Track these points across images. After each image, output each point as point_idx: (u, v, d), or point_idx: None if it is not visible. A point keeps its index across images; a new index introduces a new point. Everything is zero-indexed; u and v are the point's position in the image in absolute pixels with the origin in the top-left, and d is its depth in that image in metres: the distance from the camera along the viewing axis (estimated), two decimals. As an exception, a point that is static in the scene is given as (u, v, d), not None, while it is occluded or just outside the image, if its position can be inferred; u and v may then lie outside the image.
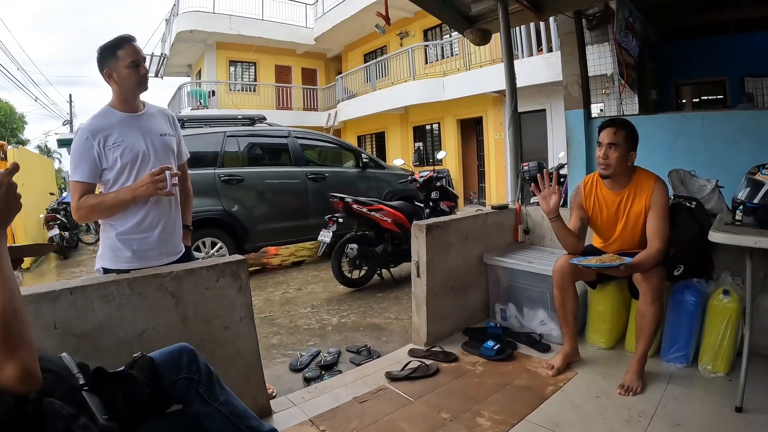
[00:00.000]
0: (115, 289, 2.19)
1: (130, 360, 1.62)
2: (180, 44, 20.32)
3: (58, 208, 11.87)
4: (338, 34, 20.17)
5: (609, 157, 2.91)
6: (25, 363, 1.05)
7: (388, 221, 5.95)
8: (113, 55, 2.40)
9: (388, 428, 2.56)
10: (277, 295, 6.12)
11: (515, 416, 2.58)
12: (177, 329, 2.34)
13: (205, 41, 20.21)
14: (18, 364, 1.03)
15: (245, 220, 6.88)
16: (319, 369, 3.60)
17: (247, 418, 1.66)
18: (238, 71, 21.83)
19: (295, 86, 21.92)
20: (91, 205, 2.38)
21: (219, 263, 2.50)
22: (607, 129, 2.94)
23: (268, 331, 4.58)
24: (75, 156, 2.39)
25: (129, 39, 2.43)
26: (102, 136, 2.38)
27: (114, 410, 1.45)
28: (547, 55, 11.11)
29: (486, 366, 3.24)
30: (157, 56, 20.39)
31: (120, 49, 2.40)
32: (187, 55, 22.10)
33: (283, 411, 2.79)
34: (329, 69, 23.88)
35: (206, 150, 6.75)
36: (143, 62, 2.46)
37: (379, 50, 20.50)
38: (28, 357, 1.06)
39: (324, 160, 8.65)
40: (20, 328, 1.09)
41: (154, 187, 2.34)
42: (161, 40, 22.37)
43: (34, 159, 14.24)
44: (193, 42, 20.11)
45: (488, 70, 12.80)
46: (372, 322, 4.79)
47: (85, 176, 2.37)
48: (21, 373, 1.03)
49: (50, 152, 37.25)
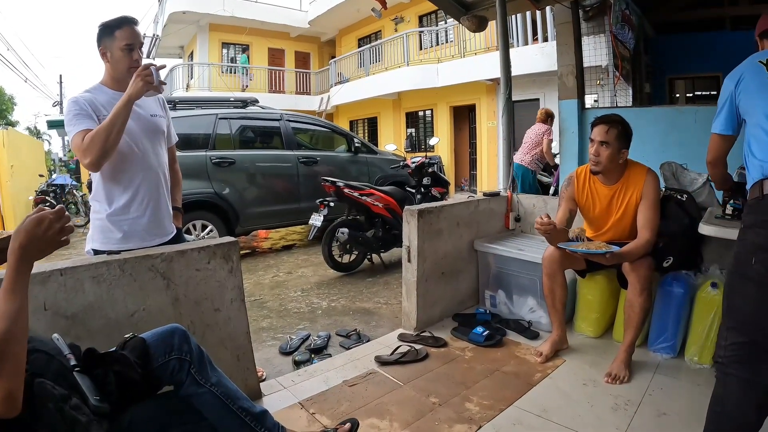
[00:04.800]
0: (106, 270, 2.18)
1: (122, 341, 1.62)
2: (172, 25, 20.11)
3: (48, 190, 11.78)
4: (332, 17, 20.04)
5: (600, 155, 2.92)
6: (12, 390, 1.04)
7: (379, 206, 5.95)
8: (111, 34, 2.38)
9: (377, 412, 2.58)
10: (267, 279, 6.12)
11: (503, 402, 2.61)
12: (168, 311, 2.33)
13: (197, 22, 20.02)
14: (4, 389, 1.02)
15: (236, 203, 6.85)
16: (309, 352, 3.62)
17: (239, 399, 1.67)
18: (231, 53, 21.66)
19: (288, 70, 21.77)
20: (93, 135, 2.24)
21: (210, 245, 2.50)
22: (599, 126, 2.93)
23: (258, 314, 4.58)
24: (74, 112, 2.30)
25: (129, 21, 2.40)
26: (95, 107, 2.35)
27: (105, 391, 1.45)
28: (542, 44, 11.10)
29: (475, 352, 3.27)
30: (149, 37, 20.22)
31: (118, 30, 2.37)
32: (179, 37, 21.90)
33: (273, 393, 2.81)
34: (323, 53, 23.73)
35: (198, 132, 6.71)
36: (138, 48, 2.43)
37: (373, 35, 20.39)
38: (15, 384, 1.05)
39: (316, 144, 8.61)
40: (18, 354, 1.09)
41: (143, 80, 2.26)
42: (153, 20, 22.15)
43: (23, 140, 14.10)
44: (185, 23, 19.92)
45: (483, 57, 12.77)
46: (362, 306, 4.80)
47: (88, 125, 2.28)
48: (4, 398, 1.02)
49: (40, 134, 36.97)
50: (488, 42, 12.74)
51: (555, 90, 5.96)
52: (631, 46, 6.78)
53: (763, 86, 1.99)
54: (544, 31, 11.15)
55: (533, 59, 10.85)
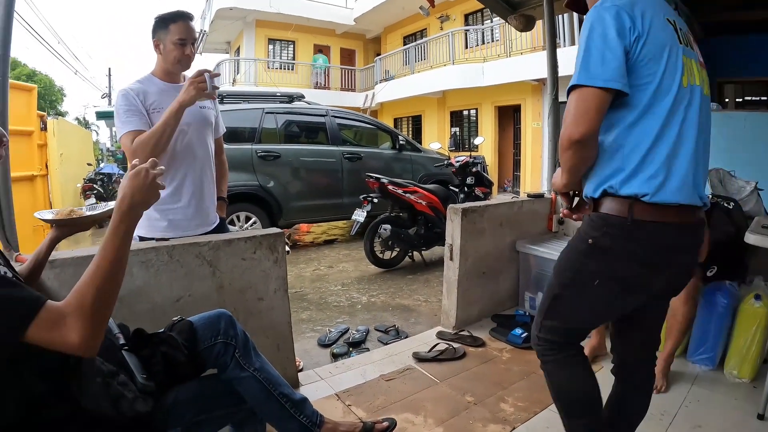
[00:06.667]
0: (155, 256, 2.25)
1: (170, 323, 1.67)
2: (219, 21, 20.48)
3: (95, 178, 12.13)
4: (378, 15, 20.10)
5: None
6: (96, 336, 1.09)
7: (422, 204, 5.94)
8: (165, 27, 2.43)
9: (412, 407, 2.59)
10: (308, 272, 6.18)
11: (538, 405, 2.59)
12: (212, 297, 2.39)
13: (244, 18, 20.32)
14: (89, 333, 1.06)
15: (280, 196, 6.94)
16: (347, 346, 3.65)
17: (280, 386, 1.69)
18: (277, 49, 21.90)
19: (333, 66, 21.88)
20: (144, 139, 2.32)
21: (257, 235, 2.54)
22: None
23: (298, 306, 4.64)
24: (124, 109, 2.38)
25: (184, 16, 2.45)
26: (144, 99, 2.41)
27: (152, 370, 1.49)
28: None
29: (512, 353, 3.25)
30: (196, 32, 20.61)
31: (173, 23, 2.42)
32: (226, 32, 22.28)
33: (310, 384, 2.85)
34: (368, 50, 23.80)
35: (244, 126, 6.81)
36: (191, 43, 2.48)
37: (418, 33, 20.36)
38: (100, 332, 1.10)
39: (360, 141, 8.65)
40: (111, 305, 1.14)
41: (195, 88, 2.32)
42: (201, 16, 22.51)
43: (72, 130, 14.47)
44: (232, 19, 20.24)
45: (529, 57, 12.62)
46: (401, 303, 4.82)
47: (138, 125, 2.36)
48: (87, 343, 1.07)
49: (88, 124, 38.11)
50: (534, 41, 12.56)
51: None
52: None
53: None
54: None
55: None
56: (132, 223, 1.21)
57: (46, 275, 1.76)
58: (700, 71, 1.56)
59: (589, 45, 1.45)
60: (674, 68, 1.47)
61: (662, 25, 1.48)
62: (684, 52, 1.50)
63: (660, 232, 1.51)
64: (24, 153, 6.83)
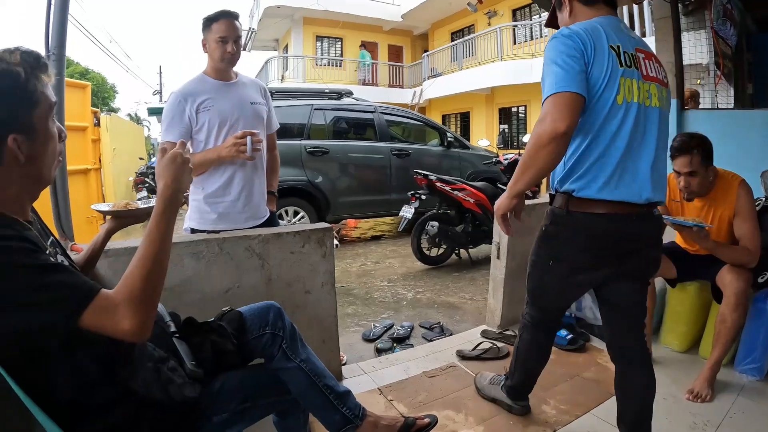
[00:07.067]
0: (205, 248, 2.32)
1: (220, 313, 1.71)
2: (267, 19, 20.73)
3: (147, 172, 12.46)
4: (425, 11, 20.02)
5: (690, 185, 2.70)
6: (147, 322, 1.13)
7: (470, 201, 5.90)
8: (209, 27, 2.54)
9: (454, 404, 2.59)
10: (354, 267, 6.23)
11: (580, 408, 2.56)
12: (260, 289, 2.44)
13: (291, 16, 20.56)
14: (140, 320, 1.10)
15: (328, 192, 7.00)
16: (391, 341, 3.66)
17: (325, 377, 1.71)
18: (324, 46, 22.06)
19: (381, 63, 21.93)
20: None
21: (306, 229, 2.59)
22: (681, 158, 2.68)
23: (343, 301, 4.68)
24: (167, 118, 2.53)
25: (225, 15, 2.54)
26: (193, 99, 2.52)
27: (200, 358, 1.54)
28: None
29: (557, 355, 3.17)
30: (245, 30, 20.91)
31: (215, 23, 2.52)
32: (274, 30, 22.52)
33: (353, 377, 2.88)
34: (415, 46, 23.72)
35: (293, 122, 6.89)
36: (234, 40, 2.55)
37: (466, 29, 20.22)
38: (150, 317, 1.14)
39: (408, 137, 8.63)
40: (159, 290, 1.18)
41: (235, 149, 2.45)
42: (249, 14, 22.84)
43: (125, 126, 14.91)
44: (280, 17, 20.51)
45: None
46: (446, 300, 4.80)
47: (176, 137, 2.48)
48: (139, 329, 1.11)
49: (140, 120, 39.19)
50: None
51: None
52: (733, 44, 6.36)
53: None
54: (642, 26, 10.59)
55: None
56: (175, 209, 1.25)
57: (100, 264, 1.82)
58: (641, 88, 1.80)
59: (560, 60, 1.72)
60: (611, 90, 1.73)
61: (605, 51, 1.73)
62: (623, 74, 1.75)
63: (590, 221, 1.84)
64: (78, 148, 7.10)
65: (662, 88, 1.88)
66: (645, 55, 1.86)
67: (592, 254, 1.91)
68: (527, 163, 1.77)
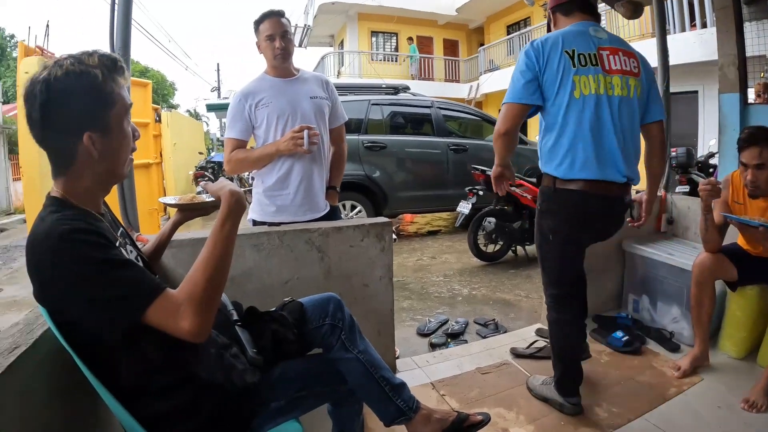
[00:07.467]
0: (266, 240, 2.39)
1: (281, 303, 1.76)
2: (322, 16, 20.86)
3: (206, 166, 12.85)
4: (480, 4, 19.65)
5: (758, 179, 2.58)
6: (206, 324, 1.17)
7: (527, 198, 5.82)
8: (257, 29, 2.69)
9: (506, 402, 2.58)
10: (411, 262, 6.25)
11: (633, 412, 2.49)
12: (319, 281, 2.50)
13: (346, 12, 20.64)
14: (199, 322, 1.15)
15: (385, 186, 7.05)
16: (446, 336, 3.68)
17: (381, 369, 1.73)
18: (380, 41, 22.08)
19: (436, 57, 21.74)
20: (240, 158, 2.68)
21: (365, 223, 2.63)
22: (750, 149, 2.57)
23: (399, 295, 4.70)
24: (230, 116, 2.70)
25: (269, 14, 2.66)
26: (252, 98, 2.65)
27: (261, 346, 1.58)
28: (700, 30, 9.98)
29: (611, 356, 3.13)
30: (300, 27, 21.14)
31: (261, 24, 2.66)
32: (329, 26, 22.68)
33: (406, 371, 2.90)
34: (471, 40, 23.37)
35: (351, 117, 6.88)
36: (281, 36, 2.64)
37: (522, 22, 19.81)
38: (209, 320, 1.18)
39: (465, 132, 8.57)
40: (220, 293, 1.23)
41: (293, 143, 2.54)
42: (304, 11, 23.03)
43: (184, 121, 15.36)
44: (334, 13, 20.60)
45: (637, 45, 11.74)
46: (502, 297, 4.77)
47: (237, 134, 2.67)
48: (197, 330, 1.15)
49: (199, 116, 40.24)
50: (643, 28, 11.77)
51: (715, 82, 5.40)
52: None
53: None
54: (702, 15, 10.11)
55: (691, 47, 9.81)
56: (238, 214, 1.29)
57: (164, 254, 1.90)
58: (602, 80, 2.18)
59: (515, 74, 2.23)
60: (565, 88, 2.15)
61: (557, 57, 2.15)
62: (577, 72, 2.15)
63: (574, 198, 2.22)
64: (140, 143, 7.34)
65: (627, 77, 2.23)
66: (609, 51, 2.23)
67: (577, 226, 2.32)
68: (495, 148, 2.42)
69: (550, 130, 2.26)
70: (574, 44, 2.17)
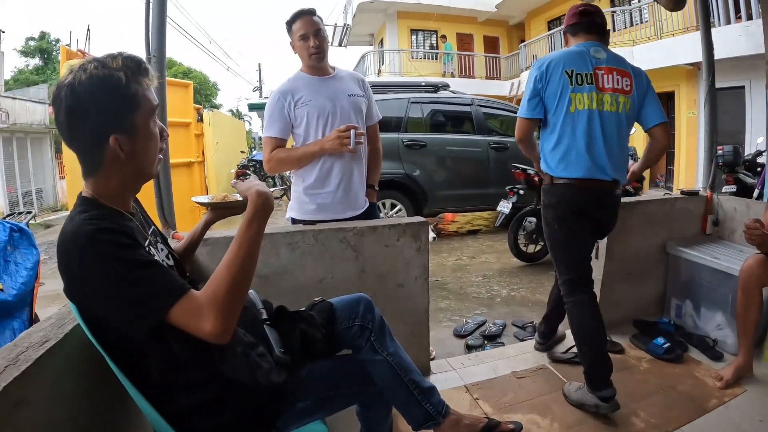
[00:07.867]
0: (301, 239, 2.41)
1: (311, 303, 1.76)
2: (361, 14, 20.89)
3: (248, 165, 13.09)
4: (520, 0, 19.51)
5: None
6: (228, 326, 1.17)
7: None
8: (290, 29, 2.69)
9: (540, 408, 2.54)
10: (450, 261, 6.22)
11: (671, 423, 2.40)
12: (354, 280, 2.50)
13: (385, 11, 20.63)
14: (221, 323, 1.15)
15: (425, 185, 7.02)
16: (483, 338, 3.64)
17: (411, 372, 1.72)
18: (419, 39, 21.99)
19: (477, 54, 21.51)
20: (281, 157, 2.68)
21: (401, 223, 2.61)
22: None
23: (437, 295, 4.68)
24: (268, 115, 2.70)
25: (301, 13, 2.65)
26: (291, 96, 2.65)
27: (289, 345, 1.58)
28: (746, 23, 9.42)
29: (651, 364, 3.02)
30: (340, 26, 21.24)
31: (294, 23, 2.66)
32: (368, 25, 22.71)
33: (440, 373, 2.88)
34: (511, 37, 23.02)
35: (390, 115, 6.92)
36: (314, 35, 2.64)
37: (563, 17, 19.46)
38: (231, 322, 1.18)
39: (506, 131, 8.42)
40: (243, 295, 1.23)
41: (339, 142, 2.54)
42: (343, 11, 23.10)
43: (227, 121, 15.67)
44: (373, 12, 20.61)
45: (681, 39, 11.25)
46: (541, 299, 4.66)
47: (277, 132, 2.66)
48: (219, 332, 1.15)
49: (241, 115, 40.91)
50: (687, 21, 11.31)
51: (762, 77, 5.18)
52: None
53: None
54: (748, 6, 9.66)
55: (736, 40, 9.26)
56: (265, 216, 1.28)
57: (199, 252, 1.92)
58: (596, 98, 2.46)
59: (526, 90, 2.59)
60: (563, 103, 2.47)
61: (559, 77, 2.47)
62: (574, 90, 2.46)
63: (568, 190, 2.53)
64: (182, 142, 7.63)
65: (617, 95, 2.50)
66: (605, 71, 2.50)
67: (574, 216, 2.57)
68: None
69: (549, 136, 2.58)
70: (573, 65, 2.49)
